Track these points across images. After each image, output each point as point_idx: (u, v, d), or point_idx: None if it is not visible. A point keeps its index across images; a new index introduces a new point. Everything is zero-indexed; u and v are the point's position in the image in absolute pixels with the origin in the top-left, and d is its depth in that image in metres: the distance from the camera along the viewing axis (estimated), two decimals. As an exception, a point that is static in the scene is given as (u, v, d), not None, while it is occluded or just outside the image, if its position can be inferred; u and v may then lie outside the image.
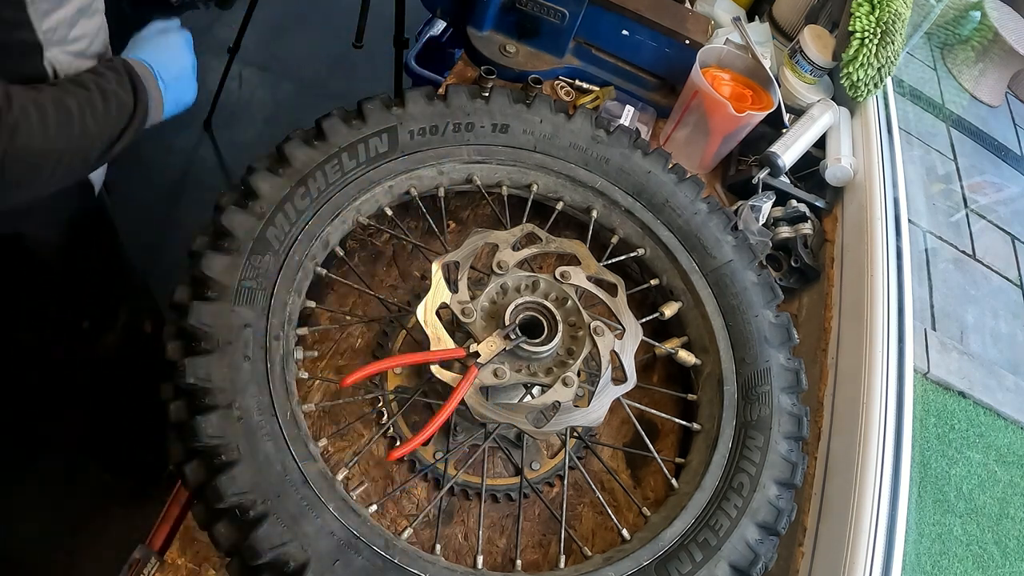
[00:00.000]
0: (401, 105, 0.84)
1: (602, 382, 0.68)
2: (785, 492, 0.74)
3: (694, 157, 1.14)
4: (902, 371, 0.84)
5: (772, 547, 0.71)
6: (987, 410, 1.90)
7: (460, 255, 0.71)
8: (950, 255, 2.10)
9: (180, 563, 0.67)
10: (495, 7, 1.11)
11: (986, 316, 2.06)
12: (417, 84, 1.79)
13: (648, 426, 0.90)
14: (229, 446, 0.59)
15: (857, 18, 1.12)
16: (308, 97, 2.46)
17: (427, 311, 0.66)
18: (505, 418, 0.64)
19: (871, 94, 1.17)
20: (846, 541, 0.72)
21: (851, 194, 1.10)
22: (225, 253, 0.69)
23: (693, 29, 1.11)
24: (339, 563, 0.58)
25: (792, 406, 0.80)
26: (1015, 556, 1.72)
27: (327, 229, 0.78)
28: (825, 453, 0.85)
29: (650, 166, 0.92)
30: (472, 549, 0.76)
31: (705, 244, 0.89)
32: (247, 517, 0.58)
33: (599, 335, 0.71)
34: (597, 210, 0.92)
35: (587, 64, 1.18)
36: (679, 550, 0.68)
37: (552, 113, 0.91)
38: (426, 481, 0.79)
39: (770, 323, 0.85)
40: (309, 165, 0.77)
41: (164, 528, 0.71)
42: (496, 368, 0.66)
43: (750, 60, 1.12)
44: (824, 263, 1.06)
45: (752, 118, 1.05)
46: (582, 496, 0.83)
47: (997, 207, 2.34)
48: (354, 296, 0.89)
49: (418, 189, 0.86)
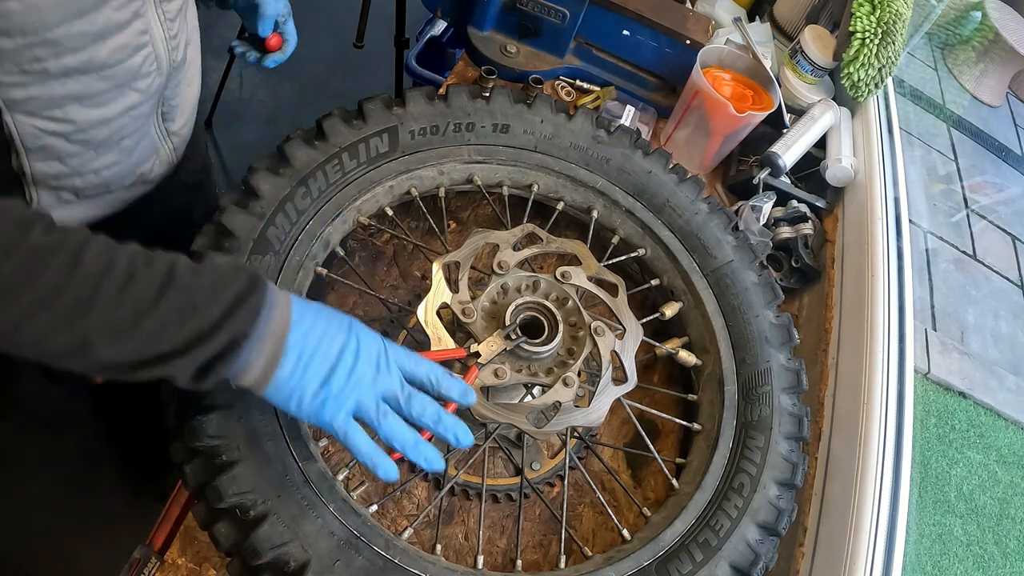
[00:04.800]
0: (402, 105, 0.84)
1: (602, 382, 0.68)
2: (786, 492, 0.73)
3: (695, 157, 1.14)
4: (903, 371, 0.84)
5: (772, 547, 0.71)
6: (988, 410, 1.90)
7: (461, 255, 0.71)
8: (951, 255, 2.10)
9: (180, 563, 0.67)
10: (496, 7, 1.11)
11: (987, 316, 2.05)
12: (418, 84, 1.79)
13: (648, 426, 0.90)
14: (230, 446, 0.59)
15: (858, 18, 1.12)
16: (308, 97, 2.46)
17: (428, 311, 0.66)
18: (505, 418, 0.64)
19: (872, 94, 1.17)
20: (846, 541, 0.72)
21: (852, 194, 1.10)
22: (226, 253, 0.69)
23: (694, 29, 1.11)
24: (339, 563, 0.58)
25: (793, 406, 0.79)
26: (1015, 556, 1.72)
27: (328, 229, 0.78)
28: (826, 453, 0.85)
29: (651, 166, 0.92)
30: (472, 549, 0.76)
31: (706, 244, 0.89)
32: (247, 517, 0.58)
33: (600, 335, 0.71)
34: (598, 210, 0.92)
35: (588, 64, 1.18)
36: (680, 550, 0.68)
37: (553, 113, 0.91)
38: (426, 481, 0.79)
39: (771, 323, 0.85)
40: (310, 165, 0.77)
41: (164, 528, 0.70)
42: (496, 368, 0.66)
43: (751, 60, 1.12)
44: (825, 263, 1.06)
45: (753, 118, 1.05)
46: (582, 496, 0.82)
47: (998, 207, 2.33)
48: (355, 296, 0.89)
49: (419, 189, 0.86)
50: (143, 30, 0.66)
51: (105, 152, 0.72)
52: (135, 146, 0.76)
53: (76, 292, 0.42)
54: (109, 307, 0.43)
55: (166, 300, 0.44)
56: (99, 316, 0.43)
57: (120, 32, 0.64)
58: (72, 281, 0.42)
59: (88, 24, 0.60)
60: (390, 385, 0.53)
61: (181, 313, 0.45)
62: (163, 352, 0.45)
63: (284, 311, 0.49)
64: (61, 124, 0.66)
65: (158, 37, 0.69)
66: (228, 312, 0.46)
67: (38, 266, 0.41)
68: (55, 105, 0.64)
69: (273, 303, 0.48)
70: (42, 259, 0.41)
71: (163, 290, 0.44)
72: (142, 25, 0.66)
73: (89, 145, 0.70)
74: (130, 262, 0.44)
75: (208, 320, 0.45)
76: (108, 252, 0.44)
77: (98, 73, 0.64)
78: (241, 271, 0.48)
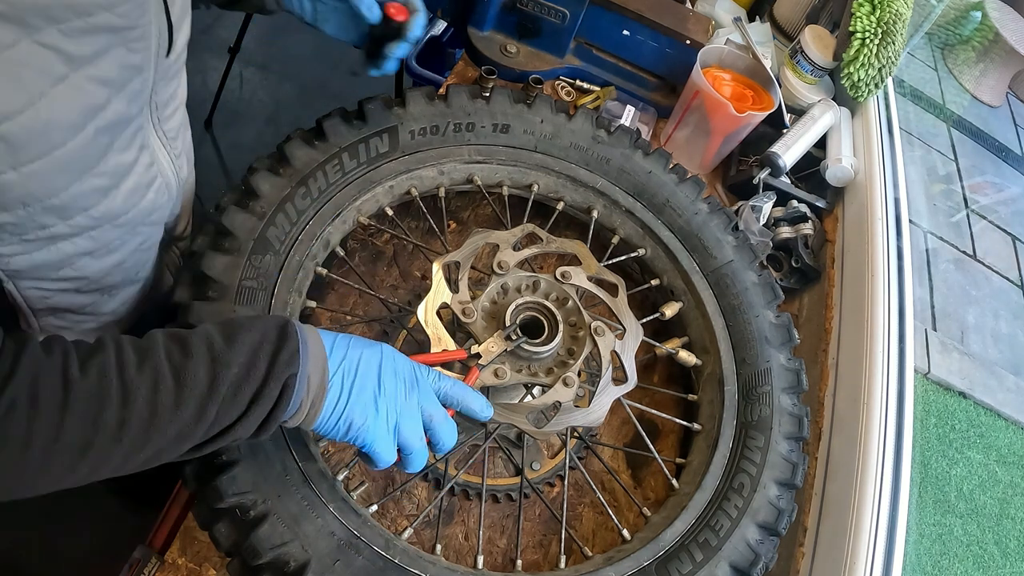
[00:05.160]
0: (402, 105, 0.84)
1: (603, 382, 0.68)
2: (786, 492, 0.73)
3: (695, 157, 1.14)
4: (903, 371, 0.84)
5: (772, 547, 0.71)
6: (988, 410, 1.90)
7: (461, 255, 0.71)
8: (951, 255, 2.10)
9: (180, 563, 0.67)
10: (496, 7, 1.11)
11: (987, 316, 2.05)
12: (418, 84, 1.79)
13: (649, 426, 0.90)
14: (229, 446, 0.59)
15: (858, 18, 1.12)
16: (308, 97, 2.46)
17: (428, 311, 0.66)
18: (505, 418, 0.64)
19: (872, 94, 1.17)
20: (847, 541, 0.72)
21: (852, 194, 1.10)
22: (226, 253, 0.69)
23: (694, 29, 1.11)
24: (339, 563, 0.58)
25: (793, 406, 0.79)
26: (1016, 556, 1.72)
27: (328, 229, 0.78)
28: (826, 453, 0.85)
29: (651, 166, 0.92)
30: (472, 549, 0.76)
31: (706, 244, 0.89)
32: (247, 517, 0.58)
33: (600, 335, 0.71)
34: (598, 210, 0.92)
35: (588, 64, 1.18)
36: (680, 550, 0.68)
37: (553, 113, 0.91)
38: (426, 481, 0.79)
39: (771, 323, 0.85)
40: (310, 165, 0.77)
41: (164, 528, 0.70)
42: (496, 368, 0.66)
43: (751, 60, 1.12)
44: (825, 263, 1.06)
45: (753, 118, 1.05)
46: (583, 496, 0.82)
47: (998, 207, 2.34)
48: (355, 296, 0.89)
49: (419, 189, 0.86)
50: (150, 162, 0.62)
51: (119, 291, 0.68)
52: (148, 273, 0.72)
53: (139, 420, 0.43)
54: (172, 418, 0.44)
55: (220, 384, 0.45)
56: (166, 429, 0.44)
57: (130, 174, 0.59)
58: (131, 411, 0.43)
59: (96, 178, 0.54)
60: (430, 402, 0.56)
61: (235, 388, 0.46)
62: (225, 426, 0.47)
63: (316, 340, 0.51)
64: (71, 281, 0.61)
65: (165, 164, 0.65)
66: (272, 363, 0.47)
67: (95, 410, 0.42)
68: (64, 265, 0.58)
69: (305, 339, 0.50)
70: (96, 401, 0.42)
71: (214, 380, 0.45)
72: (148, 157, 0.61)
73: (102, 291, 0.65)
74: (171, 364, 0.45)
75: (259, 380, 0.47)
76: (146, 361, 0.44)
77: (112, 223, 0.59)
78: (266, 320, 0.50)
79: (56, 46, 0.44)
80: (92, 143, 0.51)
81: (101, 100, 0.50)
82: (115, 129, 0.54)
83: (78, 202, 0.54)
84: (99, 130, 0.51)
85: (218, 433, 0.47)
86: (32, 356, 0.41)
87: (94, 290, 0.64)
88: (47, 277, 0.58)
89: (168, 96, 0.62)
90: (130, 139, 0.57)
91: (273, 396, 0.47)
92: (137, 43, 0.51)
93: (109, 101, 0.51)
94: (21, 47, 0.42)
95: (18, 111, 0.44)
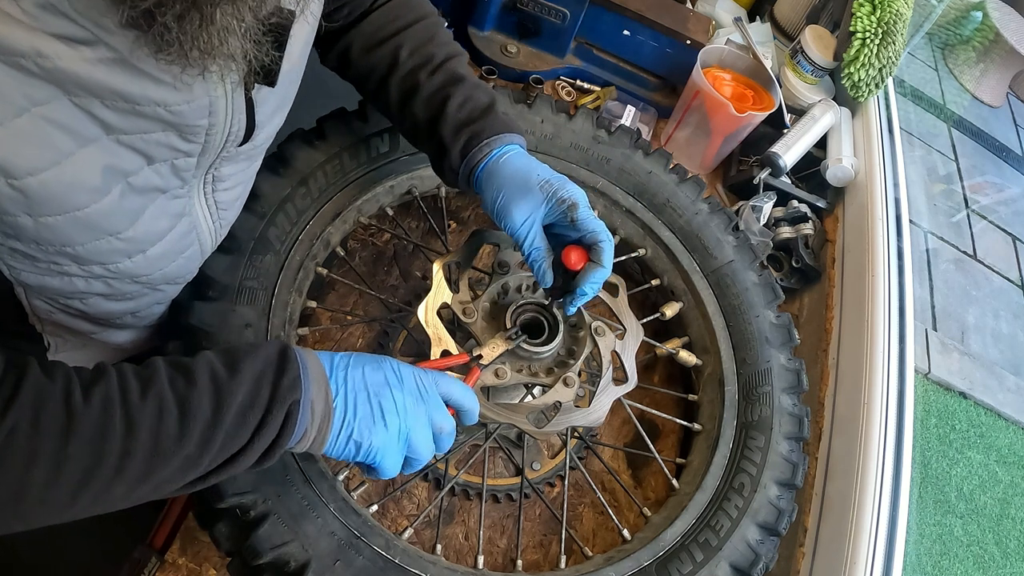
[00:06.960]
0: (402, 105, 0.84)
1: (603, 382, 0.68)
2: (786, 492, 0.73)
3: (695, 157, 1.14)
4: (903, 371, 0.84)
5: (773, 547, 0.71)
6: (988, 410, 1.91)
7: (461, 255, 0.71)
8: (951, 255, 2.10)
9: (180, 563, 0.67)
10: (496, 7, 1.11)
11: (987, 316, 2.06)
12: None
13: (649, 426, 0.90)
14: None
15: (858, 18, 1.12)
16: (309, 97, 2.46)
17: (428, 311, 0.66)
18: (506, 418, 0.64)
19: (872, 94, 1.17)
20: (847, 541, 0.72)
21: (852, 194, 1.10)
22: (226, 253, 0.69)
23: (694, 29, 1.11)
24: (340, 563, 0.58)
25: (793, 407, 0.79)
26: (1015, 556, 1.72)
27: (328, 229, 0.78)
28: (826, 454, 0.85)
29: (651, 166, 0.92)
30: (473, 549, 0.76)
31: (706, 244, 0.89)
32: (248, 517, 0.58)
33: (600, 335, 0.71)
34: (598, 210, 0.92)
35: (588, 64, 1.18)
36: (680, 550, 0.68)
37: (553, 113, 0.91)
38: (427, 481, 0.79)
39: (771, 323, 0.85)
40: (310, 165, 0.77)
41: (164, 528, 0.70)
42: (497, 368, 0.66)
43: (751, 60, 1.12)
44: (825, 263, 1.06)
45: (753, 118, 1.05)
46: (583, 496, 0.82)
47: (998, 207, 2.34)
48: (355, 296, 0.89)
49: (419, 189, 0.86)
50: (188, 230, 0.57)
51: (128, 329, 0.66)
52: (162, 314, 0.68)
53: (143, 450, 0.42)
54: (176, 448, 0.43)
55: (224, 413, 0.44)
56: (170, 459, 0.43)
57: (161, 241, 0.54)
58: (136, 441, 0.42)
59: (121, 241, 0.50)
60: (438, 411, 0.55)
61: (240, 417, 0.45)
62: (229, 455, 0.46)
63: (316, 364, 0.50)
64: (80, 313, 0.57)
65: (205, 232, 0.60)
66: (275, 391, 0.46)
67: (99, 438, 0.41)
68: (74, 297, 0.54)
69: (305, 363, 0.49)
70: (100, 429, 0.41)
71: (218, 410, 0.44)
72: (187, 226, 0.56)
73: (112, 326, 0.63)
74: (176, 393, 0.44)
75: (263, 408, 0.46)
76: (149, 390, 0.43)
77: (132, 279, 0.55)
78: (266, 347, 0.48)
79: (94, 113, 0.41)
80: (118, 208, 0.47)
81: (133, 167, 0.46)
82: (147, 195, 0.49)
83: (96, 257, 0.50)
84: (126, 195, 0.47)
85: (221, 464, 0.46)
86: (34, 381, 0.40)
87: (103, 324, 0.62)
88: (55, 300, 0.54)
89: (232, 172, 0.57)
90: (165, 206, 0.52)
91: (277, 424, 0.46)
92: (194, 136, 0.47)
93: (142, 169, 0.47)
94: (55, 106, 0.39)
95: (41, 169, 0.40)
